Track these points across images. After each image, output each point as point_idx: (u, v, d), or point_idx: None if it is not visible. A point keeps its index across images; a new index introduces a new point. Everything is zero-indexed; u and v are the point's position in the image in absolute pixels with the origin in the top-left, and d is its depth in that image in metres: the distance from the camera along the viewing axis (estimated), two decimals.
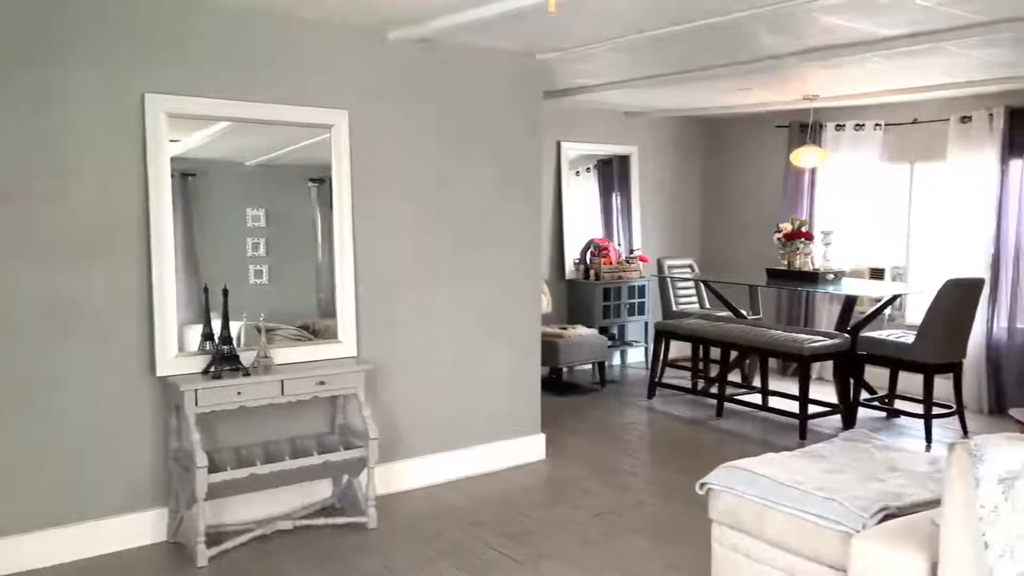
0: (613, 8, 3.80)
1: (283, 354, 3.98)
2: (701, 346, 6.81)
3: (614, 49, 4.60)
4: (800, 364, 5.79)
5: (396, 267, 4.47)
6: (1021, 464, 2.11)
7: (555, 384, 6.87)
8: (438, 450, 4.68)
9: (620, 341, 7.98)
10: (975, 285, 5.70)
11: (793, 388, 5.84)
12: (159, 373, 3.71)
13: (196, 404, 3.55)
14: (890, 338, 5.90)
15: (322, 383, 3.91)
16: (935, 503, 2.42)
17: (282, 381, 3.80)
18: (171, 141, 3.72)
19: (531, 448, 5.08)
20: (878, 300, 6.13)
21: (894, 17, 3.87)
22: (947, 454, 2.29)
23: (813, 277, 6.30)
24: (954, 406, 5.76)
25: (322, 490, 4.26)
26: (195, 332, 3.83)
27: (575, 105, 7.13)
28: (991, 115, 6.28)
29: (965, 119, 6.45)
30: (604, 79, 5.80)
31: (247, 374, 3.73)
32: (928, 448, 5.41)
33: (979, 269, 6.28)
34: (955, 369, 5.70)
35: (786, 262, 6.54)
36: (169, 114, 3.70)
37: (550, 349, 6.52)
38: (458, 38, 4.42)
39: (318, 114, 4.13)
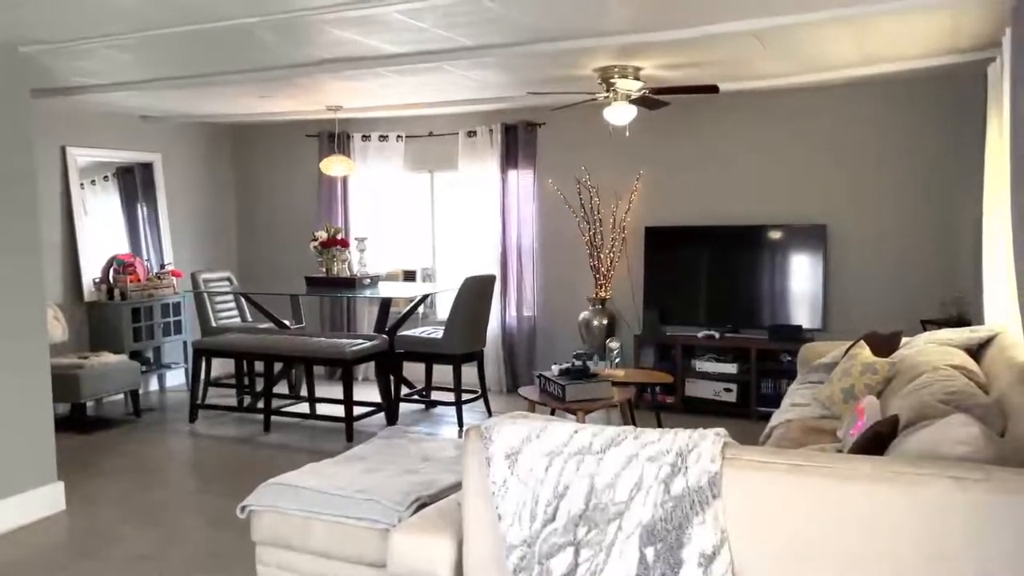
0: (105, 1, 3.42)
1: None
2: (245, 361, 6.59)
3: (114, 47, 4.16)
4: (343, 368, 5.93)
5: None
6: (520, 440, 2.36)
7: (78, 422, 6.05)
8: None
9: (156, 365, 7.35)
10: (488, 281, 6.39)
11: (341, 392, 5.94)
12: None
13: None
14: (422, 335, 6.34)
15: None
16: (460, 486, 2.61)
17: None
18: None
19: (47, 500, 4.38)
20: (411, 300, 6.55)
21: (396, 35, 4.11)
22: (464, 439, 2.49)
23: (351, 283, 6.48)
24: (479, 390, 6.40)
25: None
26: None
27: (81, 106, 6.38)
28: (491, 130, 7.11)
29: (471, 133, 7.20)
30: (109, 79, 5.23)
31: None
32: (460, 433, 5.93)
33: (492, 266, 7.07)
34: (478, 357, 6.34)
35: (324, 269, 6.63)
36: None
37: (68, 383, 5.74)
38: None
39: None
